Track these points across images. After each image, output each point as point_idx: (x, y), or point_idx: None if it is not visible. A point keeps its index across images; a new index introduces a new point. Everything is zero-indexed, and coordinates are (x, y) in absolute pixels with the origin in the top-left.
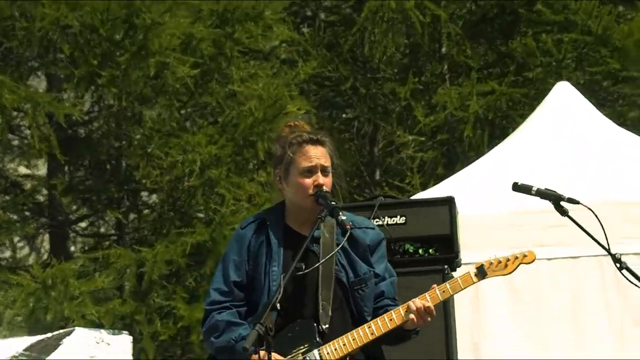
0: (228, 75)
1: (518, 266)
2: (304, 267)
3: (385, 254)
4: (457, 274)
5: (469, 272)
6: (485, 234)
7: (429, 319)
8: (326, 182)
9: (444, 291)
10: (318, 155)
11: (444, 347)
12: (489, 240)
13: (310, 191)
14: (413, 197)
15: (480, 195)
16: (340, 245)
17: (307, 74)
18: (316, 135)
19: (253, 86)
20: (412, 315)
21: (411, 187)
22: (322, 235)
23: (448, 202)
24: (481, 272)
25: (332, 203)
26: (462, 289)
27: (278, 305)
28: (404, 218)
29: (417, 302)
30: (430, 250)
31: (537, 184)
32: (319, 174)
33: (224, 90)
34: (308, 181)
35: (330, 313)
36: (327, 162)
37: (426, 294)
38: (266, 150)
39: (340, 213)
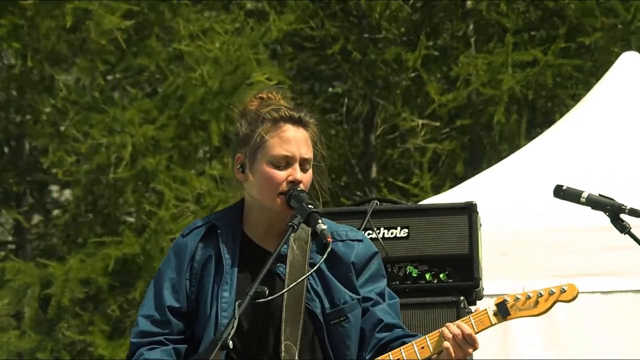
0: (172, 30)
1: (553, 305)
2: (267, 292)
3: (382, 273)
4: (478, 308)
5: (486, 309)
6: (518, 256)
7: (471, 350)
8: (304, 179)
9: None
10: (299, 140)
11: None
12: (523, 265)
13: (281, 188)
14: (420, 203)
15: (513, 202)
16: (316, 267)
17: (281, 31)
18: (299, 113)
19: (207, 46)
20: (446, 344)
21: (419, 189)
22: (291, 251)
23: (468, 211)
24: (502, 311)
25: (309, 207)
26: (475, 333)
27: (230, 343)
28: (406, 230)
29: (452, 328)
30: (442, 276)
31: (590, 188)
32: (297, 166)
33: (167, 50)
34: (280, 174)
35: (297, 357)
36: (308, 153)
37: (426, 337)
38: (222, 133)
39: (320, 221)
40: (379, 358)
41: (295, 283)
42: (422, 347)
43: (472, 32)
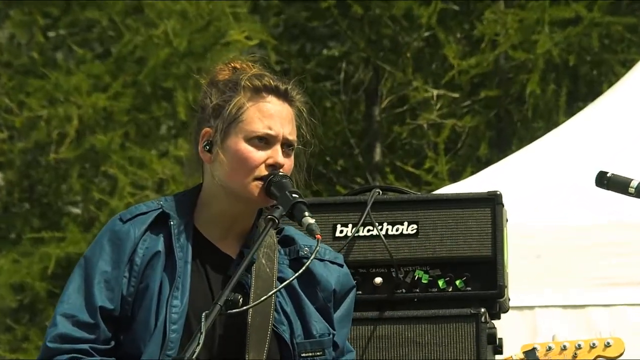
0: None
1: None
2: (240, 301)
3: (352, 313)
4: (503, 323)
5: (511, 357)
6: (554, 260)
7: None
8: (286, 164)
9: None
10: (284, 117)
11: None
12: (561, 271)
13: (259, 171)
14: (434, 193)
15: (548, 193)
16: (288, 282)
17: None
18: (285, 84)
19: None
20: None
21: (433, 176)
22: (257, 259)
23: (491, 202)
24: None
25: (294, 196)
26: None
27: None
28: (415, 226)
29: None
30: (458, 283)
31: None
32: (278, 148)
33: (122, 1)
34: (259, 154)
35: None
36: (293, 134)
37: None
38: (190, 104)
39: (307, 214)
40: None
41: (263, 298)
42: None
43: None
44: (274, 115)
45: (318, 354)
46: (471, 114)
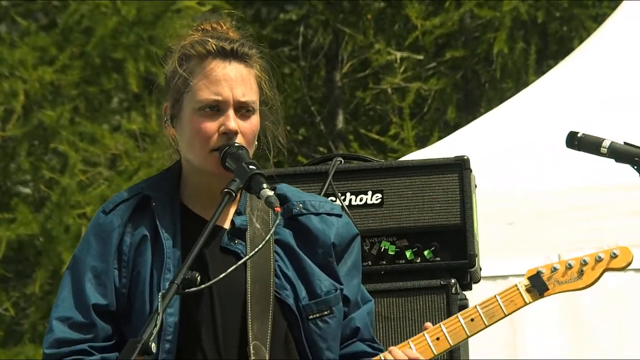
0: None
1: (602, 274)
2: (198, 278)
3: (360, 262)
4: (474, 294)
5: (516, 285)
6: (527, 226)
7: None
8: (245, 129)
9: (472, 320)
10: (233, 79)
11: None
12: (533, 237)
13: (212, 143)
14: (400, 160)
15: (518, 156)
16: (270, 233)
17: None
18: (232, 44)
19: None
20: None
21: (399, 142)
22: (250, 225)
23: (458, 168)
24: (538, 285)
25: (251, 168)
26: (506, 316)
27: (153, 346)
28: (379, 196)
29: (396, 353)
30: (426, 253)
31: (615, 135)
32: (230, 113)
33: None
34: (210, 124)
35: None
36: (248, 95)
37: (423, 334)
38: (142, 75)
39: (265, 186)
40: None
41: (222, 275)
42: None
43: None
44: (220, 80)
45: (325, 313)
46: (437, 76)
